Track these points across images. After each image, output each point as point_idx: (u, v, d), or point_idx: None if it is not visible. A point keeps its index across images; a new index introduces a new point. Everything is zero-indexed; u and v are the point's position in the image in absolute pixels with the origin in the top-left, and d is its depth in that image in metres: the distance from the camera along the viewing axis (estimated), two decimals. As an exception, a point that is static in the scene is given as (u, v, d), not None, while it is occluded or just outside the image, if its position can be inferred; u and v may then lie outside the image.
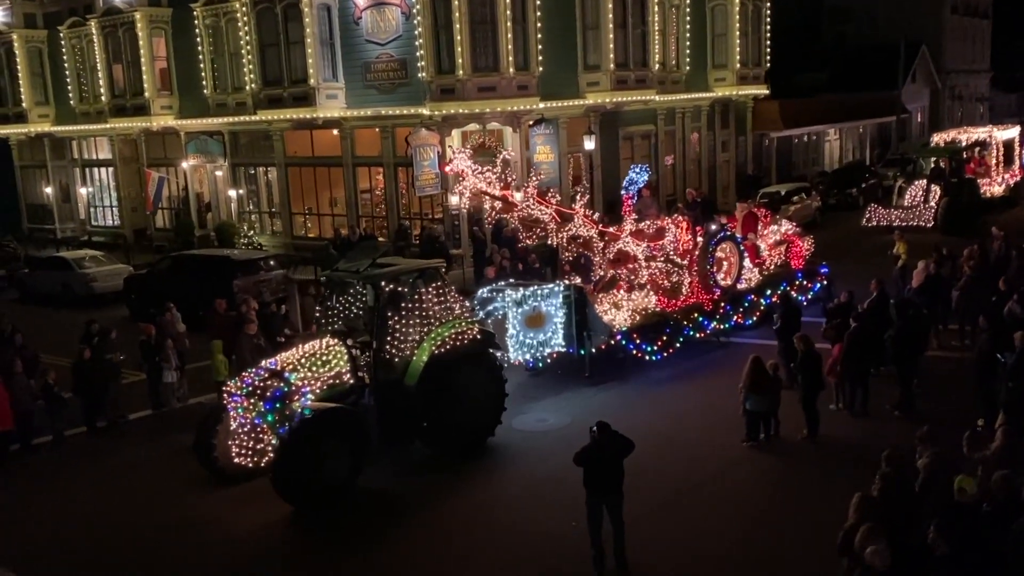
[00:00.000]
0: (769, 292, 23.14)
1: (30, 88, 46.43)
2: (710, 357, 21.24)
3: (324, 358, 15.78)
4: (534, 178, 20.94)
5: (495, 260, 25.82)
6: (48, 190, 49.18)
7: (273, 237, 39.48)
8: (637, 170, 22.60)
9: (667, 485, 14.61)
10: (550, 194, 32.80)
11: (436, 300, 16.43)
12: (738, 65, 42.47)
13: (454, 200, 33.09)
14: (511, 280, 21.47)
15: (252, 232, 39.43)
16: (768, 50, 44.56)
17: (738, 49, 42.26)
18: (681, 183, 41.82)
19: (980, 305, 19.25)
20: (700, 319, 21.50)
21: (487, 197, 20.03)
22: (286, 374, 15.18)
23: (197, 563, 13.38)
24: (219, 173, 41.47)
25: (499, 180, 19.98)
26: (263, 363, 16.03)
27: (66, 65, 45.20)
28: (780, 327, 18.86)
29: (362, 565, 13.10)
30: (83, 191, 48.21)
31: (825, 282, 24.71)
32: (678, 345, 20.83)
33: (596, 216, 21.89)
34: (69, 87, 45.39)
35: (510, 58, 32.04)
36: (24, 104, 46.71)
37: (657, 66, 37.47)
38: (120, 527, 14.59)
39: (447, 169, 20.24)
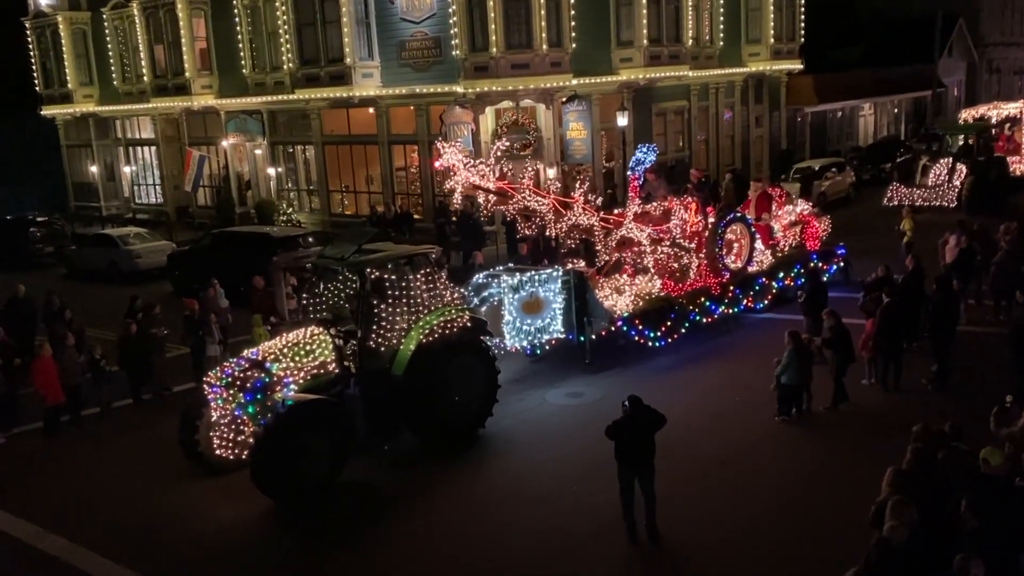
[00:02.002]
0: (782, 275, 22.52)
1: (75, 69, 47.55)
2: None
3: (308, 347, 15.27)
4: (530, 169, 19.72)
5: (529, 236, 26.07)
6: (93, 169, 50.20)
7: (311, 214, 40.16)
8: (644, 149, 21.62)
9: (697, 459, 14.63)
10: (584, 170, 33.27)
11: (425, 287, 15.90)
12: (772, 40, 42.43)
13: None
14: (510, 264, 21.13)
15: (291, 209, 40.05)
16: (802, 24, 44.39)
17: (772, 24, 42.23)
18: (715, 158, 41.96)
19: (1015, 280, 19.26)
20: (707, 303, 20.77)
21: (480, 191, 19.00)
22: (267, 364, 14.76)
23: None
24: (258, 151, 42.13)
25: (492, 172, 18.88)
26: (245, 352, 15.63)
27: (109, 46, 46.09)
28: (805, 304, 18.85)
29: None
30: (127, 170, 49.15)
31: (842, 263, 24.13)
32: (683, 331, 20.17)
33: (599, 201, 21.03)
34: (112, 68, 46.29)
35: (543, 35, 32.33)
36: (69, 85, 47.85)
37: (690, 41, 37.54)
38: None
39: (436, 165, 19.06)
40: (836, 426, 15.84)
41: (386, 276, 15.59)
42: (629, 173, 22.19)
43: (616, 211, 21.44)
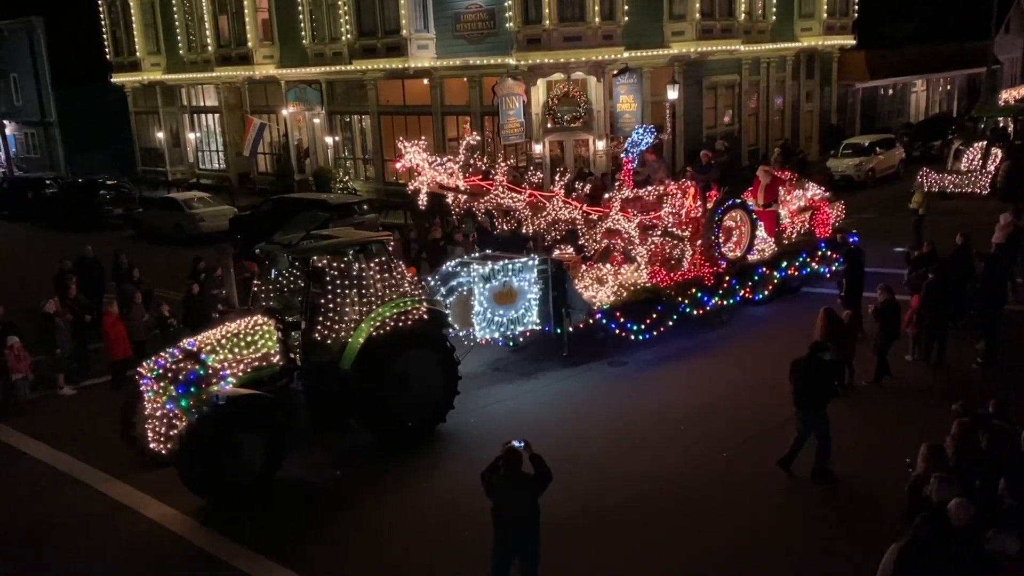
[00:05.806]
0: (784, 264, 21.36)
1: (143, 39, 49.05)
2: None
3: (249, 338, 14.49)
4: (503, 165, 18.84)
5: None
6: (160, 135, 51.89)
7: (367, 183, 41.17)
8: (641, 131, 20.50)
9: (739, 427, 14.70)
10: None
11: (379, 277, 14.96)
12: (825, 15, 42.43)
13: (538, 148, 34.39)
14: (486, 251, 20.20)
15: (347, 177, 41.19)
16: (856, -1, 44.37)
17: (825, -2, 42.24)
18: (764, 133, 42.23)
19: None
20: (699, 294, 19.61)
21: (448, 192, 17.66)
22: (203, 356, 14.05)
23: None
24: (316, 120, 43.23)
25: (461, 169, 17.64)
26: (181, 343, 14.91)
27: (176, 16, 47.36)
28: (846, 280, 18.76)
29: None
30: (191, 136, 50.73)
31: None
32: (670, 324, 19.14)
33: (586, 189, 19.76)
34: (179, 37, 47.58)
35: (596, 7, 32.82)
36: (138, 54, 49.37)
37: (743, 15, 37.77)
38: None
39: (398, 166, 17.99)
40: (878, 400, 15.89)
41: (333, 265, 14.69)
42: (623, 155, 21.02)
43: (606, 195, 20.39)
